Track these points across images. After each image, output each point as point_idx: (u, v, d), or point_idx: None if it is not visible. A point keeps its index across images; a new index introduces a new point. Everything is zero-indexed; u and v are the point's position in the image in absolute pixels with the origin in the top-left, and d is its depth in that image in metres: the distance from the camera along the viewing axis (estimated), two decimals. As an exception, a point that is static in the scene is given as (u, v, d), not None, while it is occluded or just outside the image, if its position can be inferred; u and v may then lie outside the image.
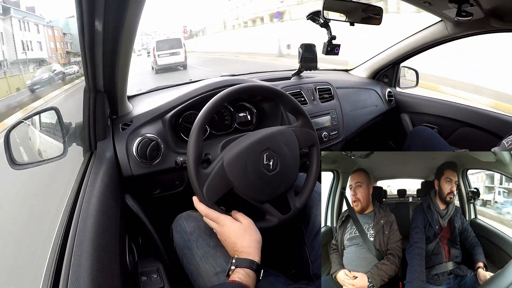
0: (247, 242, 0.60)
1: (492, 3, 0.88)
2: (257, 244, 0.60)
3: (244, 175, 0.65)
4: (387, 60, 1.49)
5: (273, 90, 0.77)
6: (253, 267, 0.56)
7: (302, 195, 0.74)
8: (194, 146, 0.63)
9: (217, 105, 0.68)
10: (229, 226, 0.62)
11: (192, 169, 0.62)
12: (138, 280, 0.67)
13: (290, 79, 1.25)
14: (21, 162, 0.71)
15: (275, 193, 0.69)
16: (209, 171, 0.64)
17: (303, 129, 0.76)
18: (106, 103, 0.76)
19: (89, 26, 0.53)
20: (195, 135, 0.64)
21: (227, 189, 0.64)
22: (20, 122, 0.74)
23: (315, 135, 0.78)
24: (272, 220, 0.68)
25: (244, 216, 0.64)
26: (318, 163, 0.76)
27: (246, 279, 0.54)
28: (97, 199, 0.58)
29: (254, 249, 0.59)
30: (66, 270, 0.43)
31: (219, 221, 0.63)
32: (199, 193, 0.63)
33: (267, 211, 0.68)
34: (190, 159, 0.63)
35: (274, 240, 0.86)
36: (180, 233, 0.72)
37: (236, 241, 0.60)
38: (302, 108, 0.78)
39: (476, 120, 1.26)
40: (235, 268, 0.56)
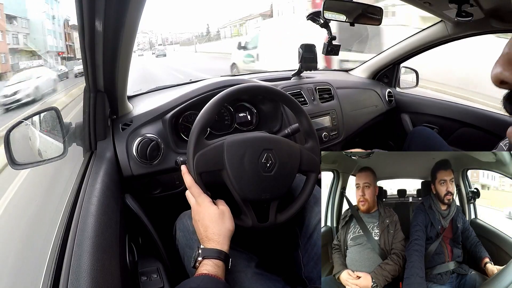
0: (218, 229, 0.58)
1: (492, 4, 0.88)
2: (228, 233, 0.59)
3: (239, 162, 0.65)
4: (387, 60, 1.49)
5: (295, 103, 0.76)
6: (221, 257, 0.55)
7: (284, 213, 0.71)
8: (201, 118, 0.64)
9: (218, 105, 0.67)
10: (206, 207, 0.61)
11: (194, 137, 0.63)
12: (138, 280, 0.67)
13: (290, 79, 1.25)
14: (21, 162, 0.71)
15: (260, 196, 0.67)
16: (208, 143, 0.65)
17: (310, 154, 0.74)
18: (106, 103, 0.76)
19: (89, 26, 0.53)
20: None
21: (216, 168, 0.64)
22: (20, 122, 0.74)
23: (318, 163, 0.75)
24: (245, 222, 0.66)
25: (224, 203, 0.63)
26: (310, 191, 0.74)
27: (215, 269, 0.53)
28: (97, 199, 0.58)
29: (224, 238, 0.58)
30: (66, 270, 0.43)
31: (198, 199, 0.62)
32: (190, 159, 0.62)
33: (244, 211, 0.66)
34: (195, 128, 0.63)
35: (267, 243, 0.86)
36: (183, 231, 0.71)
37: (209, 225, 0.58)
38: (314, 131, 0.77)
39: (476, 121, 1.26)
40: (203, 260, 0.55)
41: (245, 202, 0.66)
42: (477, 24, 1.04)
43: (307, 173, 0.75)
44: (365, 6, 1.06)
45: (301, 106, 0.77)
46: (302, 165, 0.72)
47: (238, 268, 0.64)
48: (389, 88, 1.53)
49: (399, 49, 1.42)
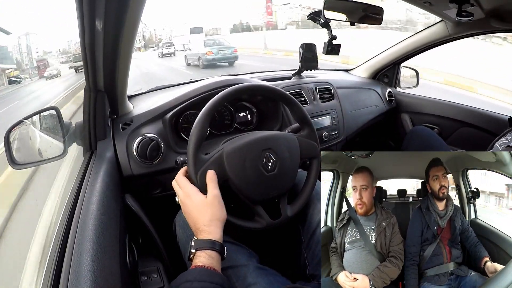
0: (208, 220, 0.56)
1: (493, 4, 0.88)
2: (218, 221, 0.57)
3: (241, 169, 0.65)
4: (387, 60, 1.49)
5: (286, 96, 0.75)
6: (215, 248, 0.53)
7: (295, 205, 0.72)
8: (197, 130, 0.63)
9: (218, 104, 0.67)
10: (193, 197, 0.58)
11: (192, 152, 0.61)
12: (138, 280, 0.67)
13: (291, 79, 1.25)
14: (21, 162, 0.71)
15: (268, 195, 0.68)
16: (207, 158, 0.64)
17: (308, 141, 0.75)
18: (106, 102, 0.76)
19: (89, 26, 0.53)
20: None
21: (221, 180, 0.63)
22: (20, 121, 0.74)
23: (318, 148, 0.76)
24: (260, 222, 0.67)
25: (213, 188, 0.59)
26: (316, 176, 0.74)
27: (209, 261, 0.52)
28: (97, 199, 0.58)
29: (215, 227, 0.55)
30: (66, 270, 0.43)
31: (185, 189, 0.60)
32: (194, 178, 0.61)
33: (256, 213, 0.67)
34: (192, 141, 0.62)
35: (271, 239, 0.86)
36: (183, 228, 0.71)
37: (198, 216, 0.56)
38: (309, 118, 0.77)
39: (476, 120, 1.26)
40: (196, 252, 0.53)
41: (255, 204, 0.67)
42: (478, 24, 1.04)
43: (310, 160, 0.76)
44: (366, 6, 1.06)
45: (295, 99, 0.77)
46: (303, 154, 0.73)
47: (240, 262, 0.63)
48: (389, 88, 1.53)
49: (400, 49, 1.41)
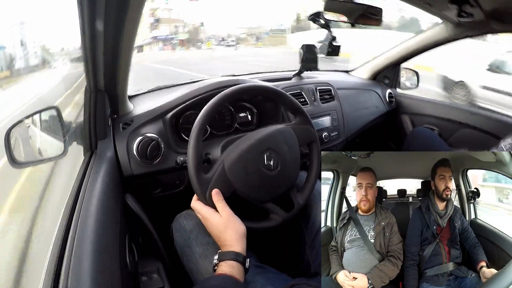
0: (229, 235, 0.59)
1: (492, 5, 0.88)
2: (238, 236, 0.59)
3: (246, 177, 0.65)
4: (387, 61, 1.49)
5: (272, 89, 0.77)
6: (238, 259, 0.56)
7: (304, 191, 0.74)
8: (194, 148, 0.62)
9: (218, 105, 0.67)
10: (210, 219, 0.61)
11: (194, 176, 0.62)
12: (138, 280, 0.67)
13: (291, 80, 1.25)
14: (22, 161, 0.71)
15: (277, 192, 0.69)
16: (211, 176, 0.64)
17: (302, 126, 0.76)
18: (106, 102, 0.76)
19: (89, 25, 0.53)
20: (195, 136, 0.63)
21: (229, 193, 0.64)
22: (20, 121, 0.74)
23: (314, 132, 0.78)
24: (276, 219, 0.68)
25: (223, 208, 0.61)
26: (318, 159, 0.76)
27: (230, 270, 0.54)
28: (97, 199, 0.58)
29: (236, 241, 0.58)
30: (66, 270, 0.43)
31: (201, 213, 0.63)
32: (203, 201, 0.63)
33: (270, 210, 0.68)
34: (190, 164, 0.62)
35: (275, 239, 0.86)
36: (180, 231, 0.72)
37: (220, 236, 0.60)
38: (300, 106, 0.78)
39: (477, 122, 1.26)
40: (219, 263, 0.56)
41: (267, 203, 0.68)
42: (477, 26, 1.04)
43: (308, 145, 0.77)
44: (366, 7, 1.06)
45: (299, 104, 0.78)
46: (300, 141, 0.74)
47: None
48: (389, 89, 1.53)
49: (400, 50, 1.42)
